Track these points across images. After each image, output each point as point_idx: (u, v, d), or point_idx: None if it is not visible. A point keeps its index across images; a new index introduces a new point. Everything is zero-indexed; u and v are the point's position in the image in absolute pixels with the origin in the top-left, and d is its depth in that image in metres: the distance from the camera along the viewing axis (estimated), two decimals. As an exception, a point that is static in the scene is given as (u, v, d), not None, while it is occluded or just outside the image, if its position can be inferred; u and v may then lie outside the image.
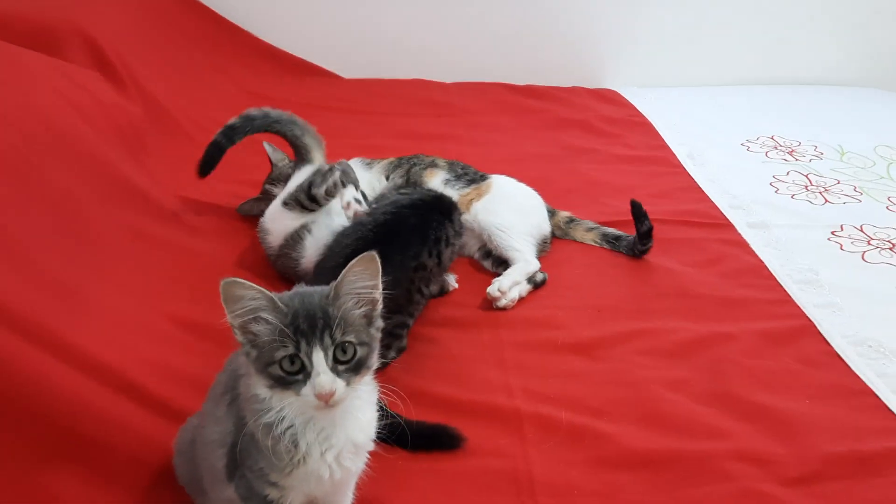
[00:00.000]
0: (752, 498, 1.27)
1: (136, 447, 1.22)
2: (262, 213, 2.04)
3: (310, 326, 0.90)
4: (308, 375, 0.90)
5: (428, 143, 2.61)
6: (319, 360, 0.90)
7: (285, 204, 1.87)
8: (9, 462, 1.12)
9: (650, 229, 1.97)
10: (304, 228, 1.82)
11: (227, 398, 1.00)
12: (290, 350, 0.90)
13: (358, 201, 1.79)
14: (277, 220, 1.87)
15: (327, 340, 0.90)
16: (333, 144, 2.57)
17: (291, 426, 0.94)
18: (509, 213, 1.98)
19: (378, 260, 0.93)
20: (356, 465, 1.03)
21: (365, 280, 0.93)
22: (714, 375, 1.57)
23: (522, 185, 2.13)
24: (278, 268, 1.85)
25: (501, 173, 2.26)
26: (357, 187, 1.86)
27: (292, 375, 0.90)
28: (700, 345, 1.67)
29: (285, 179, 2.04)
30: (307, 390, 0.90)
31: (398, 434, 1.26)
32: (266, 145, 2.12)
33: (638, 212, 1.98)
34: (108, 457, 1.19)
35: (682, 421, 1.45)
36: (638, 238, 2.00)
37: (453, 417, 1.41)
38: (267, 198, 2.05)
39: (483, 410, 1.46)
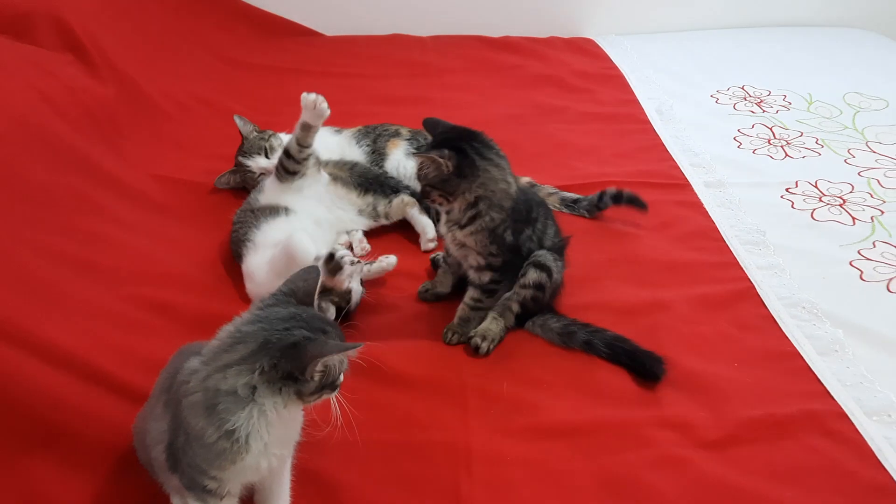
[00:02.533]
0: (668, 462, 1.38)
1: (104, 432, 1.34)
2: (238, 185, 2.13)
3: None
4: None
5: (402, 107, 2.67)
6: None
7: None
8: (-12, 452, 1.25)
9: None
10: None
11: (164, 398, 1.11)
12: None
13: None
14: None
15: None
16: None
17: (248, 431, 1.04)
18: None
19: None
20: (290, 452, 1.15)
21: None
22: (650, 341, 1.66)
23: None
24: None
25: None
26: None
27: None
28: (640, 312, 1.76)
29: (257, 150, 2.12)
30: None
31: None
32: (236, 118, 2.19)
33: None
34: (77, 443, 1.31)
35: (613, 389, 1.55)
36: (597, 202, 2.09)
37: (401, 391, 1.53)
38: (241, 169, 2.14)
39: (431, 383, 1.57)
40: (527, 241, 1.67)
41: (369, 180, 2.07)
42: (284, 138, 2.20)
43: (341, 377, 1.09)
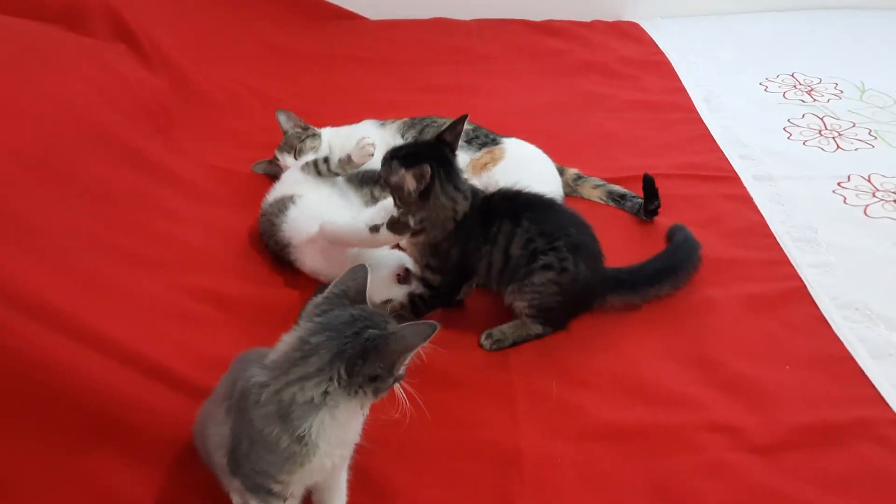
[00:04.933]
0: (717, 468, 1.38)
1: (164, 425, 1.37)
2: (273, 174, 2.16)
3: None
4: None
5: (445, 96, 2.69)
6: None
7: None
8: (51, 448, 1.29)
9: (657, 208, 2.04)
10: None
11: (225, 405, 1.14)
12: None
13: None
14: None
15: None
16: (356, 100, 2.67)
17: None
18: (528, 181, 2.04)
19: None
20: (350, 452, 1.18)
21: None
22: (698, 343, 1.66)
23: (534, 149, 2.18)
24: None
25: (515, 126, 2.32)
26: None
27: None
28: (687, 311, 1.75)
29: (289, 148, 2.15)
30: None
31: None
32: (279, 114, 2.21)
33: (649, 190, 2.03)
34: (138, 436, 1.34)
35: (662, 391, 1.55)
36: (644, 211, 2.06)
37: (447, 389, 1.55)
38: (275, 162, 2.18)
39: (477, 382, 1.59)
40: (486, 256, 1.64)
41: (366, 176, 2.07)
42: (325, 134, 2.21)
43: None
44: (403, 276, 1.76)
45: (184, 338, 1.56)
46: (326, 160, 1.96)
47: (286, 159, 2.14)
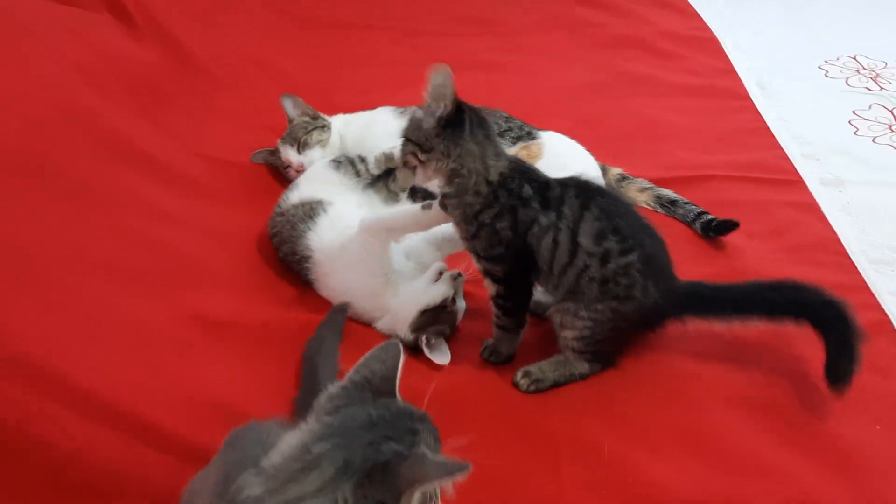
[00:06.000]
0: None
1: (147, 493, 1.16)
2: (274, 165, 1.92)
3: None
4: None
5: (471, 73, 2.40)
6: None
7: None
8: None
9: (726, 227, 1.78)
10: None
11: (212, 501, 0.91)
12: None
13: None
14: None
15: None
16: (373, 75, 2.40)
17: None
18: None
19: None
20: None
21: None
22: (770, 387, 1.44)
23: (574, 144, 1.92)
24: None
25: (547, 111, 2.07)
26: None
27: None
28: (752, 343, 1.52)
29: (292, 140, 1.90)
30: None
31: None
32: (284, 99, 1.95)
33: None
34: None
35: (729, 450, 1.32)
36: (703, 225, 1.81)
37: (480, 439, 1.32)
38: (277, 153, 1.92)
39: (514, 432, 1.36)
40: (550, 231, 1.34)
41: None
42: (336, 124, 1.96)
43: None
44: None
45: (175, 378, 1.33)
46: (364, 160, 1.73)
47: (288, 152, 1.89)
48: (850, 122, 2.25)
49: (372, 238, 1.51)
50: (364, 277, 1.52)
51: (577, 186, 1.38)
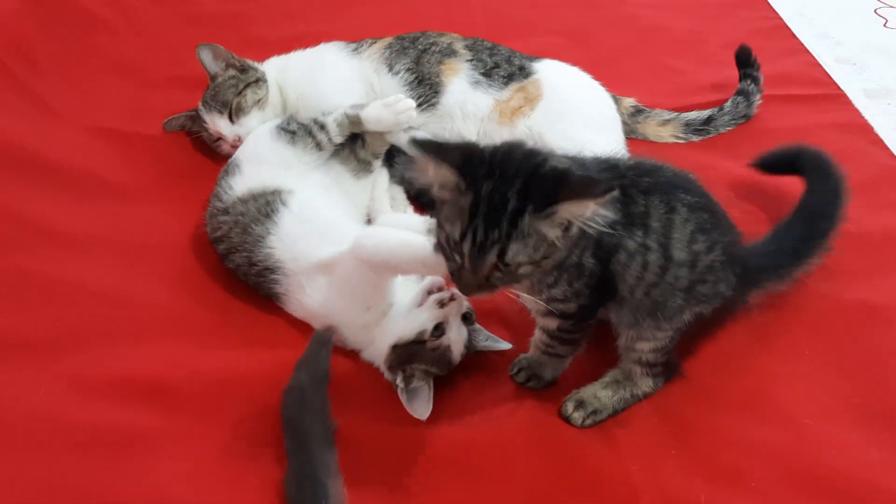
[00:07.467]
0: None
1: None
2: (198, 133, 1.47)
3: None
4: None
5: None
6: None
7: None
8: None
9: None
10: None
11: None
12: None
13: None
14: None
15: None
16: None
17: None
18: (582, 131, 1.40)
19: None
20: None
21: None
22: (876, 380, 1.13)
23: (579, 76, 1.53)
24: None
25: (527, 26, 1.70)
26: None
27: None
28: (843, 322, 1.21)
29: (221, 104, 1.44)
30: None
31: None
32: (200, 50, 1.47)
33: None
34: None
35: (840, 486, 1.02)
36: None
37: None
38: (199, 119, 1.47)
39: (587, 475, 1.04)
40: (639, 253, 1.00)
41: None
42: (270, 72, 1.51)
43: None
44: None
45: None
46: (323, 127, 1.32)
47: (218, 122, 1.45)
48: (875, 11, 1.91)
49: (368, 270, 1.12)
50: (351, 307, 1.13)
51: (659, 189, 1.00)
